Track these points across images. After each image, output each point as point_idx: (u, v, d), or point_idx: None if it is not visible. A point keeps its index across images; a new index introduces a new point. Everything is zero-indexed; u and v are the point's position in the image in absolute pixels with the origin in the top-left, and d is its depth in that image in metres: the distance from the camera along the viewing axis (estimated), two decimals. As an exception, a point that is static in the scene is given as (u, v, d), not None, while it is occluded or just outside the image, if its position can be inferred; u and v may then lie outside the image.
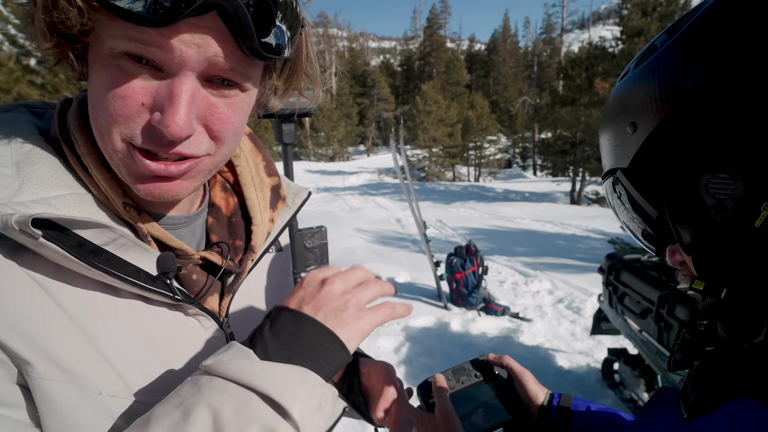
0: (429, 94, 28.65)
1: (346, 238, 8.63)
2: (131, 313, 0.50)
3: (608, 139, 0.52)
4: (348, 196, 17.70)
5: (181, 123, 0.42)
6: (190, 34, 0.41)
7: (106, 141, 0.46)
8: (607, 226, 10.32)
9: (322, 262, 2.12)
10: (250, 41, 0.43)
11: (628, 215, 0.53)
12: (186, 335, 0.55)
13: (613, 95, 0.51)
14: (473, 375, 0.86)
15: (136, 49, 0.41)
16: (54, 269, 0.45)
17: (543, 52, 50.88)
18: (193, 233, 0.61)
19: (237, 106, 0.48)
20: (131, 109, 0.43)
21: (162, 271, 0.50)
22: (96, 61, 0.43)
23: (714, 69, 0.40)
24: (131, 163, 0.46)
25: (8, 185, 0.43)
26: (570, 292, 5.42)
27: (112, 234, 0.46)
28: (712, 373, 0.43)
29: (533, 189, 22.83)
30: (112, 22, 0.40)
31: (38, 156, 0.47)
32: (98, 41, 0.42)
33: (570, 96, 17.94)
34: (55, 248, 0.42)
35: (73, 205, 0.45)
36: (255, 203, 0.66)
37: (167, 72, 0.43)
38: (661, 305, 2.37)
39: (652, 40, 0.49)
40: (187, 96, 0.43)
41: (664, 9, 15.82)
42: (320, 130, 37.87)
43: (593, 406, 0.77)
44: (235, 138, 0.51)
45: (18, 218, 0.39)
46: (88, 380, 0.44)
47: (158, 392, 0.49)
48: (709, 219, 0.42)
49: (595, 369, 3.56)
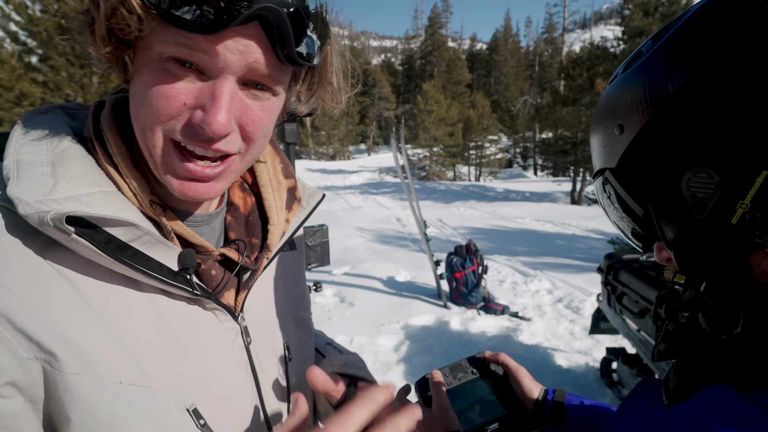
0: (430, 94, 28.64)
1: (346, 236, 8.65)
2: (152, 306, 0.53)
3: (598, 140, 0.54)
4: (348, 195, 17.72)
5: (222, 121, 0.45)
6: (234, 42, 0.44)
7: (148, 138, 0.48)
8: (607, 227, 10.33)
9: (323, 260, 2.15)
10: (287, 49, 0.47)
11: (617, 214, 0.55)
12: (203, 328, 0.57)
13: (603, 98, 0.54)
14: (470, 372, 0.88)
15: (183, 54, 0.44)
16: (82, 264, 0.48)
17: (544, 51, 50.84)
18: (213, 231, 0.63)
19: (269, 109, 0.52)
20: (174, 108, 0.46)
21: (183, 266, 0.53)
22: (143, 64, 0.46)
23: (694, 73, 0.42)
24: (170, 161, 0.49)
25: (44, 183, 0.45)
26: (569, 291, 5.44)
27: (138, 231, 0.49)
28: (693, 362, 0.46)
29: (534, 189, 22.84)
30: (164, 29, 0.43)
31: (71, 155, 0.50)
32: (148, 46, 0.45)
33: (571, 96, 17.93)
34: (86, 244, 0.44)
35: (102, 203, 0.47)
36: (272, 203, 0.68)
37: (209, 75, 0.46)
38: (659, 305, 2.38)
39: (639, 46, 0.51)
40: (228, 97, 0.46)
41: (665, 9, 15.81)
42: (321, 129, 37.88)
43: (586, 401, 0.78)
44: (264, 139, 0.54)
45: (53, 215, 0.42)
46: (109, 370, 0.47)
47: (174, 382, 0.52)
48: (690, 216, 0.44)
49: (594, 368, 3.58)
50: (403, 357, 3.79)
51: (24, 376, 0.44)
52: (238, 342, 0.61)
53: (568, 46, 52.91)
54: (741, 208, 0.41)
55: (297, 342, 0.76)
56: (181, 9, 0.41)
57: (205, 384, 0.55)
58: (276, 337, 0.71)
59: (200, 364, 0.55)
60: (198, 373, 0.55)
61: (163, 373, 0.51)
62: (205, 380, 0.55)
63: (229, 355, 0.60)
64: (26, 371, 0.44)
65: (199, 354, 0.56)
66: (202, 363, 0.56)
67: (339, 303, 5.06)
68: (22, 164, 0.47)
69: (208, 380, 0.56)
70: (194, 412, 0.53)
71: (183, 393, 0.52)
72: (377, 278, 5.92)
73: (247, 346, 0.63)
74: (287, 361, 0.71)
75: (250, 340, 0.63)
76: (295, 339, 0.75)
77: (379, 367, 3.60)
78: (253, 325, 0.65)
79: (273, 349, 0.69)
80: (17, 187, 0.44)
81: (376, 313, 4.70)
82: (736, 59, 0.40)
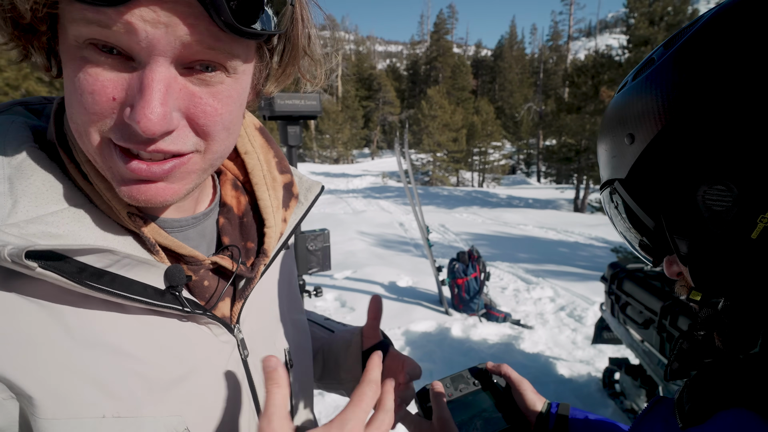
0: (434, 99, 28.70)
1: (348, 240, 8.64)
2: (141, 327, 0.48)
3: (606, 150, 0.52)
4: (351, 199, 17.71)
5: (153, 117, 0.37)
6: (153, 12, 0.36)
7: (85, 141, 0.42)
8: (611, 235, 10.28)
9: (324, 265, 2.12)
10: (224, 14, 0.37)
11: (625, 226, 0.53)
12: (196, 345, 0.53)
13: (612, 107, 0.52)
14: (471, 383, 0.86)
15: (98, 35, 0.36)
16: (56, 290, 0.43)
17: (549, 59, 50.92)
18: (202, 234, 0.58)
19: (224, 95, 0.43)
20: (102, 105, 0.39)
21: (170, 284, 0.48)
22: (64, 54, 0.40)
23: (710, 82, 0.40)
24: (113, 165, 0.42)
25: (1, 205, 0.39)
26: (572, 300, 5.40)
27: (113, 257, 0.43)
28: (708, 383, 0.44)
29: (537, 196, 22.80)
30: (69, 5, 0.36)
31: (31, 167, 0.43)
32: (63, 31, 0.39)
33: (575, 103, 17.94)
34: (55, 276, 0.39)
35: (70, 222, 0.42)
36: (267, 203, 0.62)
37: (138, 61, 0.38)
38: (663, 316, 2.35)
39: (650, 53, 0.49)
40: (161, 86, 0.38)
41: (671, 18, 15.82)
42: (325, 133, 37.97)
43: (591, 416, 0.76)
44: (227, 132, 0.45)
45: (11, 251, 0.36)
46: (90, 406, 0.43)
47: (166, 406, 0.48)
48: (706, 230, 0.42)
49: (596, 378, 3.54)
50: (403, 363, 3.76)
51: (2, 417, 0.40)
52: (234, 356, 0.57)
53: (572, 54, 53.05)
54: (762, 222, 0.38)
55: (296, 347, 0.72)
56: None
57: (199, 405, 0.51)
58: (276, 344, 0.67)
59: (194, 384, 0.51)
60: (192, 394, 0.50)
61: (153, 399, 0.47)
62: (199, 401, 0.51)
63: (225, 372, 0.55)
64: (4, 412, 0.40)
65: (193, 373, 0.51)
66: (196, 383, 0.51)
67: (340, 307, 5.03)
68: None
69: (203, 401, 0.52)
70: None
71: (175, 417, 0.48)
72: (379, 283, 5.89)
73: (245, 360, 0.58)
74: (289, 368, 0.68)
75: (248, 352, 0.59)
76: (294, 344, 0.72)
77: (378, 373, 3.57)
78: (250, 337, 0.60)
79: None
80: None
81: (377, 318, 4.65)
82: (757, 66, 0.38)
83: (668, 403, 0.51)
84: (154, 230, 0.49)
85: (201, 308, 0.52)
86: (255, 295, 0.61)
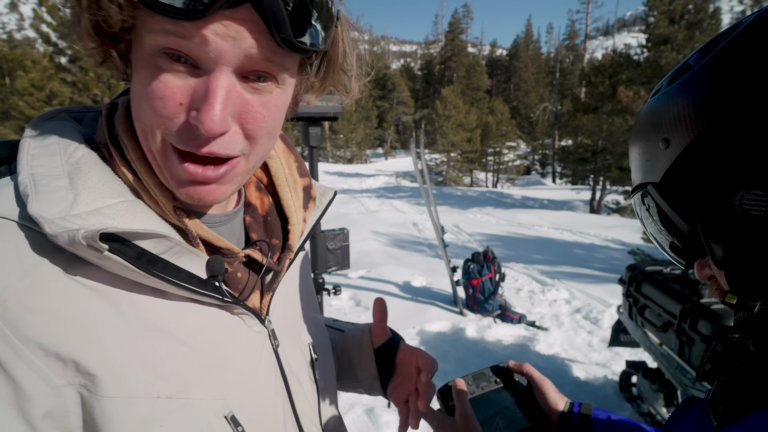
0: (449, 99, 28.59)
1: (362, 240, 8.67)
2: (183, 314, 0.51)
3: (639, 153, 0.53)
4: (365, 199, 17.76)
5: (215, 119, 0.42)
6: (224, 27, 0.41)
7: (150, 141, 0.46)
8: (627, 237, 10.13)
9: (343, 264, 2.16)
10: (284, 32, 0.43)
11: (657, 228, 0.54)
12: (233, 333, 0.56)
13: (645, 111, 0.52)
14: (493, 381, 0.87)
15: (173, 44, 0.41)
16: (109, 278, 0.46)
17: (565, 58, 50.30)
18: (232, 231, 0.62)
19: (272, 103, 0.48)
20: (170, 109, 0.44)
21: (212, 274, 0.52)
22: (137, 60, 0.44)
23: (749, 88, 0.40)
24: (172, 166, 0.47)
25: (64, 198, 0.43)
26: (588, 302, 5.35)
27: (169, 243, 0.47)
28: (742, 383, 0.44)
29: (552, 196, 22.56)
30: (151, 18, 0.41)
31: (88, 165, 0.47)
32: (139, 40, 0.43)
33: (592, 103, 17.70)
34: (118, 260, 0.42)
35: (125, 214, 0.46)
36: (290, 203, 0.67)
37: (204, 69, 0.43)
38: (683, 319, 2.33)
39: (686, 59, 0.49)
40: (223, 92, 0.43)
41: (692, 17, 15.49)
42: (339, 132, 38.11)
43: (614, 416, 0.76)
44: (269, 137, 0.51)
45: (85, 233, 0.39)
46: (147, 386, 0.45)
47: (211, 390, 0.51)
48: (742, 235, 0.43)
49: (613, 381, 3.51)
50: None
51: (58, 405, 0.42)
52: (267, 346, 0.61)
53: (590, 53, 52.26)
54: None
55: (318, 342, 0.76)
56: None
57: (240, 390, 0.54)
58: (301, 337, 0.71)
59: (234, 370, 0.54)
60: (233, 380, 0.54)
61: (200, 382, 0.50)
62: (240, 386, 0.54)
63: (260, 360, 0.59)
64: (60, 400, 0.42)
65: (232, 360, 0.54)
66: (236, 369, 0.55)
67: (354, 306, 5.07)
68: (38, 178, 0.44)
69: (243, 386, 0.55)
70: (232, 419, 0.52)
71: (220, 400, 0.51)
72: (393, 283, 5.91)
73: (275, 350, 0.62)
74: (313, 361, 0.71)
75: (278, 343, 0.63)
76: (317, 339, 0.76)
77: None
78: (279, 328, 0.64)
79: (300, 350, 0.69)
80: (37, 204, 0.42)
81: (392, 317, 4.63)
82: None
83: (701, 403, 0.51)
84: (196, 224, 0.53)
85: (236, 299, 0.55)
86: (280, 289, 0.66)
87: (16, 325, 0.39)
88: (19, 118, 12.90)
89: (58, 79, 11.80)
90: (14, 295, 0.40)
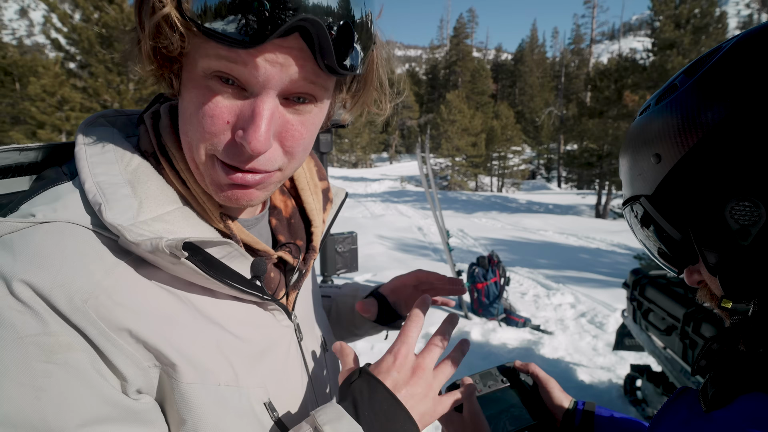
0: (454, 103, 28.62)
1: (367, 244, 8.71)
2: (229, 310, 0.56)
3: (630, 167, 0.55)
4: (370, 203, 17.80)
5: (261, 140, 0.45)
6: (274, 54, 0.44)
7: (195, 153, 0.50)
8: (633, 241, 10.08)
9: (351, 267, 2.20)
10: (328, 58, 0.45)
11: (649, 238, 0.56)
12: (267, 327, 0.61)
13: (635, 128, 0.55)
14: (500, 380, 0.89)
15: (225, 68, 0.44)
16: (169, 278, 0.50)
17: (571, 62, 50.17)
18: (260, 233, 0.66)
19: (309, 122, 0.51)
20: (218, 127, 0.47)
21: (255, 274, 0.56)
22: (189, 81, 0.47)
23: (736, 105, 0.43)
24: (213, 173, 0.51)
25: (130, 206, 0.47)
26: (593, 306, 5.36)
27: (229, 248, 0.51)
28: (730, 372, 0.47)
29: (557, 201, 22.48)
30: (206, 44, 0.44)
31: (146, 173, 0.51)
32: (192, 62, 0.46)
33: (598, 108, 17.64)
34: (191, 266, 0.47)
35: (180, 220, 0.50)
36: (313, 207, 0.71)
37: (251, 92, 0.46)
38: (686, 322, 2.35)
39: (671, 80, 0.53)
40: (268, 114, 0.46)
41: (698, 21, 15.46)
42: (344, 137, 38.23)
43: (616, 414, 0.78)
44: (304, 152, 0.54)
45: (168, 242, 0.44)
46: (212, 374, 0.51)
47: (255, 379, 0.56)
48: (734, 243, 0.45)
49: (617, 385, 3.52)
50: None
51: (146, 382, 0.47)
52: (293, 339, 0.66)
53: (595, 58, 52.16)
54: None
55: (327, 332, 0.82)
56: (220, 22, 0.41)
57: (275, 379, 0.59)
58: (316, 330, 0.76)
59: (271, 359, 0.59)
60: (270, 369, 0.59)
61: (247, 372, 0.55)
62: (276, 376, 0.59)
63: (288, 351, 0.64)
64: (147, 378, 0.47)
65: (270, 350, 0.60)
66: (272, 359, 0.60)
67: (360, 309, 5.09)
68: (104, 186, 0.47)
69: (278, 376, 0.60)
70: (269, 405, 0.57)
71: (261, 389, 0.56)
72: (398, 286, 5.93)
73: (299, 342, 0.67)
74: (325, 352, 0.77)
75: (302, 336, 0.68)
76: (326, 330, 0.82)
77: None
78: (302, 322, 0.69)
79: (317, 342, 0.74)
80: (111, 213, 0.45)
81: (397, 321, 4.70)
82: None
83: (693, 392, 0.54)
84: (238, 228, 0.57)
85: (271, 296, 0.60)
86: (303, 287, 0.71)
87: (109, 318, 0.44)
88: (30, 123, 13.09)
89: (69, 84, 11.95)
90: (104, 292, 0.44)
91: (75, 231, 0.45)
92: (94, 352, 0.43)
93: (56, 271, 0.42)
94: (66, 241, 0.44)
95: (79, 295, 0.42)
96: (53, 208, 0.46)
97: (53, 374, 0.40)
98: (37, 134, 12.64)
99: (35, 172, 0.57)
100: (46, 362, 0.40)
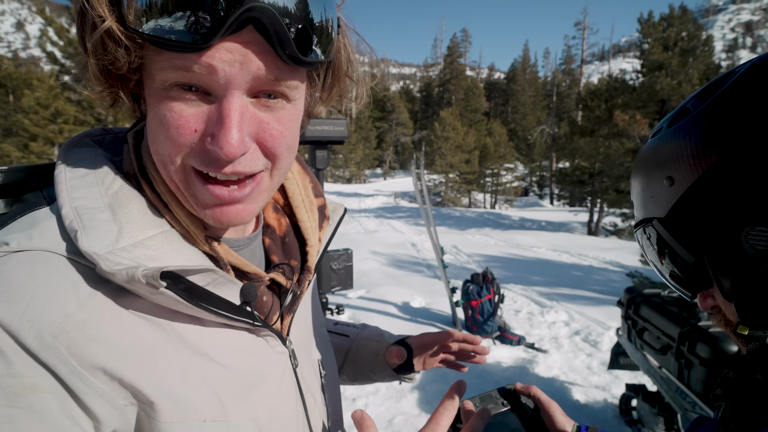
0: (447, 121, 28.95)
1: (361, 260, 8.67)
2: (217, 339, 0.52)
3: (642, 190, 0.54)
4: (363, 219, 17.80)
5: (233, 142, 0.43)
6: (230, 53, 0.41)
7: (170, 170, 0.47)
8: (626, 259, 10.16)
9: (346, 284, 2.18)
10: (288, 48, 0.43)
11: (662, 261, 0.55)
12: (259, 355, 0.57)
13: (647, 150, 0.54)
14: (500, 403, 0.86)
15: (183, 78, 0.42)
16: (152, 306, 0.47)
17: (562, 82, 51.16)
18: (253, 254, 0.62)
19: (286, 119, 0.49)
20: (186, 137, 0.44)
21: (245, 300, 0.53)
22: (150, 96, 0.45)
23: (750, 129, 0.43)
24: (196, 192, 0.48)
25: (109, 231, 0.44)
26: (587, 324, 5.35)
27: (214, 275, 0.49)
28: (750, 406, 0.46)
29: (550, 218, 22.65)
30: (159, 56, 0.42)
31: (127, 196, 0.48)
32: (150, 77, 0.44)
33: (589, 127, 17.93)
34: (172, 295, 0.44)
35: (163, 245, 0.47)
36: (307, 225, 0.68)
37: (215, 95, 0.44)
38: (681, 342, 2.35)
39: (683, 103, 0.52)
40: (237, 115, 0.43)
41: (685, 44, 15.88)
42: (338, 152, 38.37)
43: None
44: (289, 152, 0.51)
45: (145, 272, 0.41)
46: (196, 410, 0.47)
47: (245, 412, 0.52)
48: (750, 268, 0.44)
49: (613, 405, 3.50)
50: (416, 384, 3.75)
51: (123, 422, 0.44)
52: (288, 366, 0.62)
53: (586, 78, 53.26)
54: None
55: (325, 357, 0.78)
56: (166, 22, 0.39)
57: (267, 411, 0.56)
58: (312, 355, 0.72)
59: (262, 391, 0.56)
60: (261, 401, 0.55)
61: (236, 405, 0.51)
62: (267, 407, 0.56)
63: (282, 379, 0.60)
64: (124, 417, 0.44)
65: (260, 381, 0.56)
66: (264, 390, 0.56)
67: (353, 326, 5.04)
68: (82, 212, 0.45)
69: (270, 407, 0.56)
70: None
71: (252, 422, 0.53)
72: (392, 303, 5.90)
73: (294, 369, 0.63)
74: (322, 377, 0.73)
75: (297, 362, 0.64)
76: (324, 354, 0.78)
77: (392, 394, 3.57)
78: (297, 348, 0.65)
79: (313, 368, 0.71)
80: (87, 240, 0.42)
81: (391, 338, 4.66)
82: None
83: (710, 423, 0.52)
84: (225, 250, 0.54)
85: (264, 322, 0.57)
86: (299, 309, 0.66)
87: (81, 355, 0.41)
88: (22, 136, 13.02)
89: (63, 97, 11.94)
90: (76, 326, 0.41)
91: (50, 260, 0.43)
92: (64, 393, 0.40)
93: (26, 305, 0.39)
94: (39, 271, 0.41)
95: (49, 330, 0.39)
96: (28, 236, 0.44)
97: (16, 419, 0.38)
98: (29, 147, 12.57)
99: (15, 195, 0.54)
100: (8, 406, 0.38)
